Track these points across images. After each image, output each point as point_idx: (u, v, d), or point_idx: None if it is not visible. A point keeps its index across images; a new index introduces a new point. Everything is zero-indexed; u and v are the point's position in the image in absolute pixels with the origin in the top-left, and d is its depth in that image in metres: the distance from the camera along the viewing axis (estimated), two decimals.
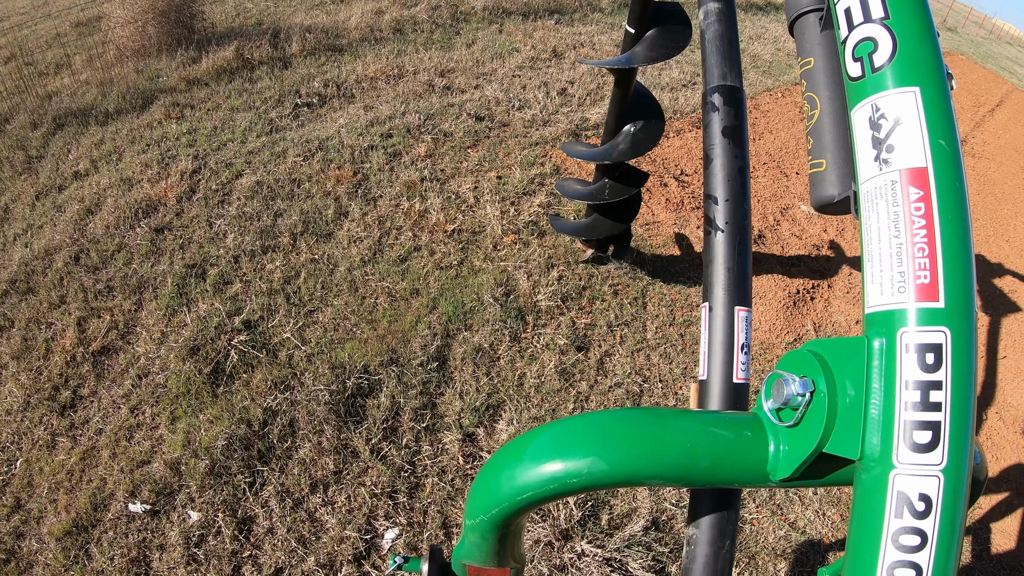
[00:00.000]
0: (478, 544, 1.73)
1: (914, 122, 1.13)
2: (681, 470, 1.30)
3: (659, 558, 4.40)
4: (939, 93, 1.14)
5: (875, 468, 1.07)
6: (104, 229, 6.27)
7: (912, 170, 1.10)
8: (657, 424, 1.36)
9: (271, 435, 4.63)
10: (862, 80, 1.22)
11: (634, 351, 5.78)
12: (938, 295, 1.04)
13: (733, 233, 2.18)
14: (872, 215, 1.16)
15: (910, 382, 1.03)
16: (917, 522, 1.01)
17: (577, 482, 1.32)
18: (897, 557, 1.02)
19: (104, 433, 4.66)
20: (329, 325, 5.45)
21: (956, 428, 1.00)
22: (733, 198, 2.22)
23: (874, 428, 1.07)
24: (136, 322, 5.41)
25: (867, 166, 1.19)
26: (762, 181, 8.85)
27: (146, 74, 9.34)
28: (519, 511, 1.48)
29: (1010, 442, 6.35)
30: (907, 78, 1.16)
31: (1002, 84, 19.71)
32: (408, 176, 7.22)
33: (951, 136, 1.11)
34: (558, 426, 1.42)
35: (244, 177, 7.01)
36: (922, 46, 1.17)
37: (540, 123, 8.72)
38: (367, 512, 4.33)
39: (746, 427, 1.36)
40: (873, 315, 1.12)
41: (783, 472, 1.28)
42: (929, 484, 1.01)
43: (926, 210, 1.08)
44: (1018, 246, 10.24)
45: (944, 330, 1.02)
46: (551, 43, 11.60)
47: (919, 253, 1.07)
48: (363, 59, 10.05)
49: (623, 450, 1.32)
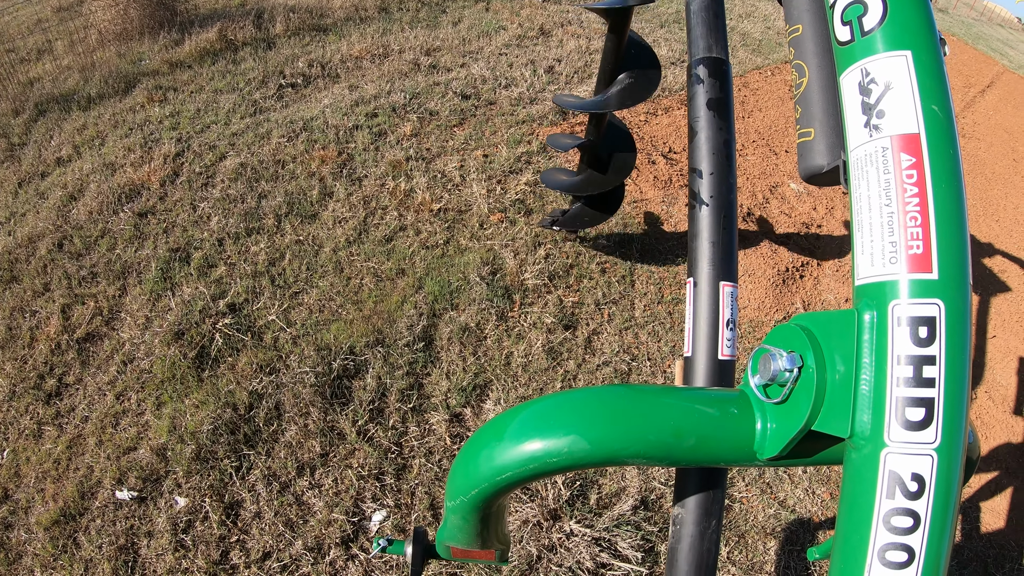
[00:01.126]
0: (460, 526, 1.72)
1: (906, 87, 1.10)
2: (665, 449, 1.28)
3: (648, 537, 4.39)
4: (931, 57, 1.11)
5: (866, 447, 1.05)
6: (87, 215, 6.21)
7: (904, 136, 1.08)
8: (640, 401, 1.33)
9: (257, 419, 4.61)
10: (851, 44, 1.20)
11: (622, 329, 5.75)
12: (931, 266, 1.01)
13: (718, 207, 2.14)
14: (862, 183, 1.13)
15: (902, 357, 1.01)
16: (909, 503, 0.99)
17: (557, 462, 1.30)
18: (889, 539, 1.00)
19: (90, 420, 4.63)
20: (314, 307, 5.42)
21: (950, 405, 0.98)
22: (718, 171, 2.19)
23: (865, 405, 1.05)
24: (120, 308, 5.37)
25: (857, 132, 1.16)
26: (751, 159, 8.81)
27: (128, 58, 9.26)
28: (499, 492, 1.46)
29: (999, 421, 6.37)
30: (898, 42, 1.13)
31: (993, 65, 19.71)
32: (393, 156, 7.17)
33: (944, 102, 1.09)
34: (537, 404, 1.40)
35: (228, 159, 6.95)
36: (913, 9, 1.15)
37: (527, 101, 8.65)
38: (354, 495, 4.31)
39: (732, 404, 1.34)
40: (863, 287, 1.10)
41: (770, 451, 1.27)
42: (922, 463, 0.99)
43: (919, 178, 1.05)
44: (1007, 226, 10.25)
45: (938, 303, 1.00)
46: (538, 21, 11.51)
47: (911, 222, 1.04)
48: (348, 39, 9.97)
49: (605, 428, 1.29)
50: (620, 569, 4.21)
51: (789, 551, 4.63)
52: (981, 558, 5.08)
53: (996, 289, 8.34)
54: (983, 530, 5.30)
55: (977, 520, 5.36)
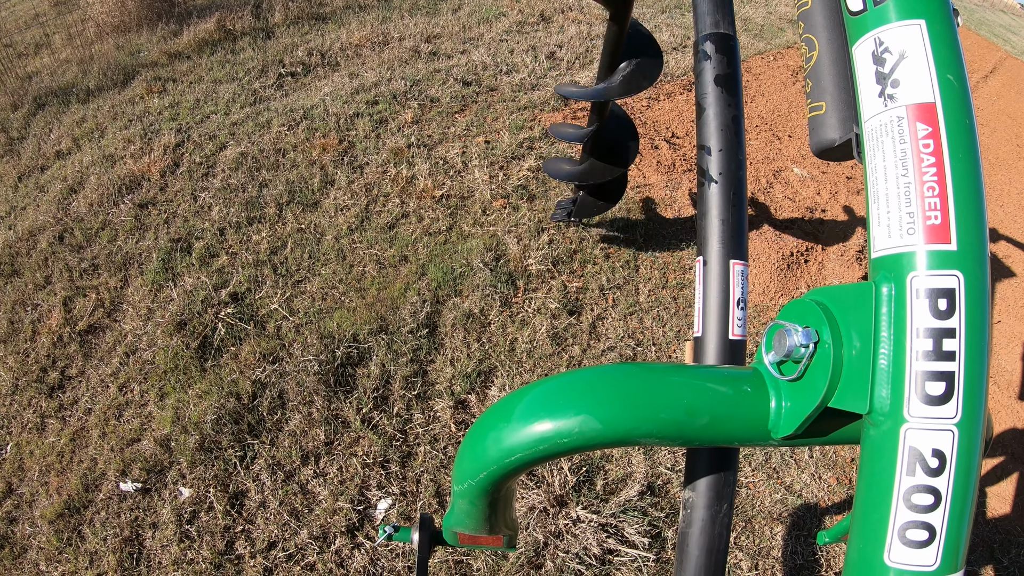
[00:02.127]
0: (468, 511, 1.69)
1: (920, 56, 1.08)
2: (678, 428, 1.25)
3: (655, 523, 4.37)
4: (945, 26, 1.09)
5: (885, 423, 1.02)
6: (88, 207, 6.19)
7: (920, 105, 1.06)
8: (652, 379, 1.30)
9: (261, 408, 4.59)
10: (864, 14, 1.18)
11: (626, 314, 5.73)
12: (950, 237, 0.99)
13: (727, 183, 2.09)
14: (877, 154, 1.11)
15: (921, 330, 0.99)
16: (930, 480, 0.97)
17: (568, 442, 1.27)
18: (909, 517, 0.99)
19: (93, 413, 4.62)
20: (317, 295, 5.39)
21: (971, 379, 0.97)
22: (727, 148, 2.14)
23: (883, 380, 1.03)
24: (122, 299, 5.36)
25: (871, 103, 1.14)
26: (755, 144, 8.77)
27: (127, 50, 9.23)
28: (508, 474, 1.43)
29: (1005, 407, 6.35)
30: (912, 10, 1.11)
31: (996, 51, 19.65)
32: (395, 143, 7.13)
33: (959, 71, 1.07)
34: (547, 384, 1.37)
35: (228, 149, 6.92)
36: None
37: (528, 87, 8.61)
38: (359, 483, 4.29)
39: (746, 382, 1.31)
40: (880, 259, 1.08)
41: (785, 429, 1.24)
42: (943, 439, 0.97)
43: (935, 147, 1.03)
44: (1011, 211, 10.22)
45: (957, 274, 0.98)
46: (539, 7, 11.46)
47: (929, 192, 1.02)
48: (347, 27, 9.92)
49: (616, 407, 1.26)
50: (627, 555, 4.19)
51: (796, 536, 4.61)
52: (987, 543, 5.06)
53: (1001, 275, 8.31)
54: (989, 515, 5.28)
55: (983, 505, 5.33)
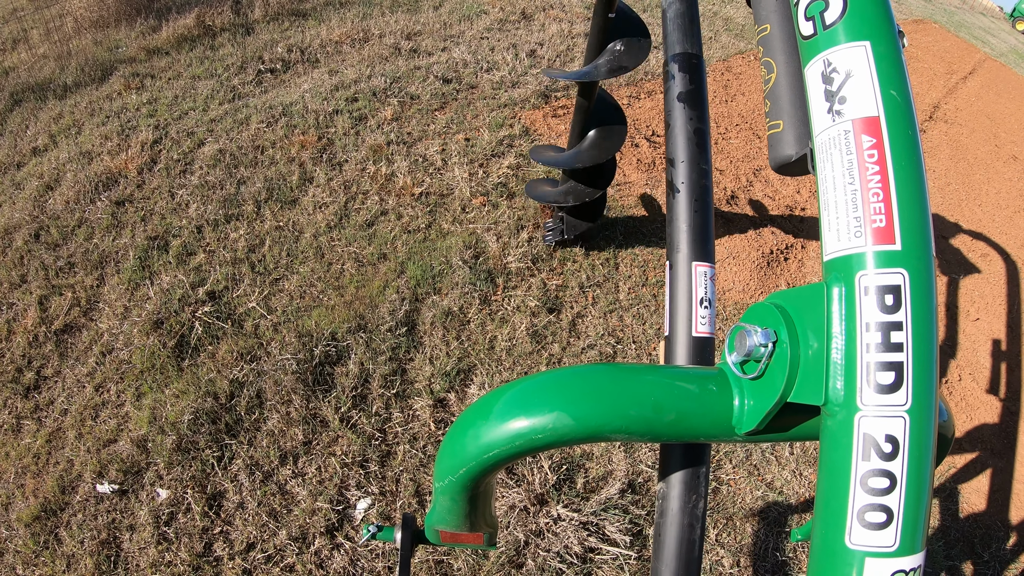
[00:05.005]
0: (449, 508, 1.76)
1: (865, 74, 1.16)
2: (646, 424, 1.33)
3: (636, 520, 4.39)
4: (890, 47, 1.18)
5: (840, 412, 1.08)
6: (64, 204, 6.14)
7: (864, 119, 1.14)
8: (622, 378, 1.38)
9: (238, 407, 4.57)
10: (815, 37, 1.27)
11: (606, 312, 5.74)
12: (894, 237, 1.06)
13: (691, 191, 2.23)
14: (827, 165, 1.19)
15: (871, 324, 1.05)
16: (885, 464, 1.02)
17: (543, 438, 1.34)
18: (867, 501, 1.04)
19: (69, 413, 4.58)
20: (295, 293, 5.37)
21: (919, 368, 1.02)
22: (690, 159, 2.28)
23: (837, 372, 1.09)
24: (99, 298, 5.32)
25: (821, 119, 1.22)
26: (735, 143, 8.82)
27: (105, 45, 9.17)
28: (487, 470, 1.50)
29: (983, 403, 6.42)
30: (858, 33, 1.20)
31: (975, 53, 19.98)
32: (374, 140, 7.12)
33: (902, 87, 1.15)
34: (523, 383, 1.44)
35: (206, 146, 6.88)
36: (872, 3, 1.21)
37: (509, 85, 8.62)
38: (338, 482, 4.28)
39: (711, 381, 1.39)
40: (831, 261, 1.14)
41: (748, 425, 1.32)
42: (895, 425, 1.02)
43: (879, 156, 1.11)
44: (989, 210, 10.35)
45: (902, 271, 1.04)
46: (520, 5, 11.48)
47: (874, 198, 1.09)
48: (327, 23, 9.91)
49: (588, 404, 1.34)
50: (608, 553, 4.20)
51: (777, 532, 4.64)
52: (968, 538, 5.11)
53: (979, 273, 8.40)
54: (969, 510, 5.33)
55: (963, 501, 5.39)
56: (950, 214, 9.60)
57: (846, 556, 1.07)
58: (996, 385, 6.74)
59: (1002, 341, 7.36)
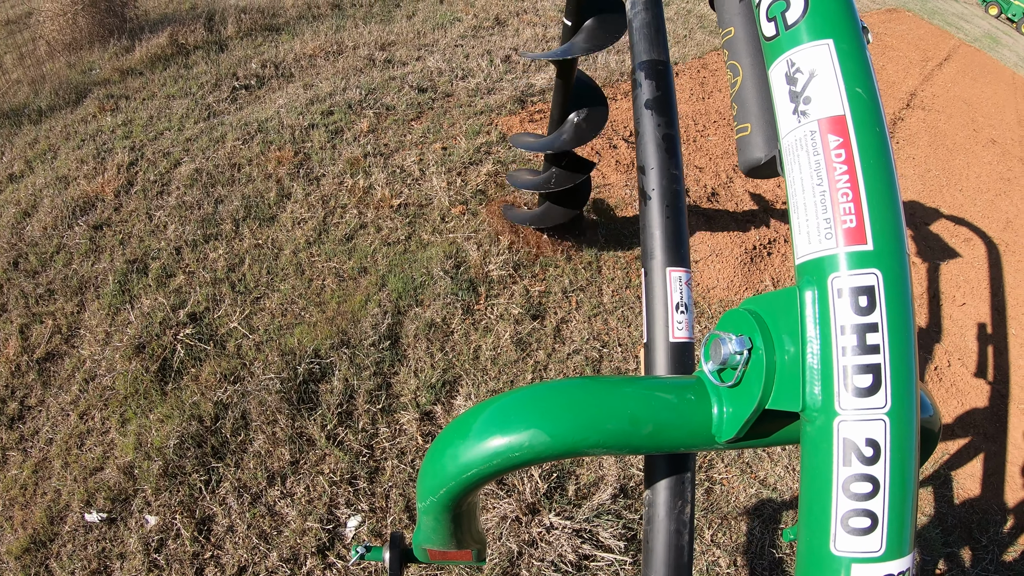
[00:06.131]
0: (433, 527, 1.77)
1: (829, 73, 1.15)
2: (624, 437, 1.33)
3: (629, 525, 4.39)
4: (853, 44, 1.16)
5: (819, 418, 1.07)
6: (42, 231, 6.10)
7: (830, 119, 1.12)
8: (597, 392, 1.38)
9: (224, 430, 4.54)
10: (777, 38, 1.25)
11: (591, 316, 5.73)
12: (866, 238, 1.05)
13: (662, 197, 2.26)
14: (795, 167, 1.17)
15: (845, 327, 1.04)
16: (867, 468, 1.01)
17: (520, 456, 1.34)
18: (850, 506, 1.03)
19: (55, 443, 4.55)
20: (276, 311, 5.35)
21: (897, 369, 1.01)
22: (659, 165, 2.31)
23: (814, 377, 1.08)
24: (80, 324, 5.28)
25: (786, 120, 1.21)
26: (713, 139, 8.83)
27: (79, 68, 9.12)
28: (467, 489, 1.50)
29: (973, 387, 6.44)
30: (820, 31, 1.18)
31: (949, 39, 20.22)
32: (351, 153, 7.10)
33: (868, 84, 1.13)
34: (498, 401, 1.44)
35: (183, 166, 6.85)
36: (834, 1, 1.20)
37: (484, 91, 8.62)
38: (327, 501, 4.26)
39: (689, 391, 1.39)
40: (803, 265, 1.13)
41: (728, 433, 1.32)
42: (875, 428, 1.01)
43: (847, 156, 1.09)
44: (971, 195, 10.42)
45: (875, 272, 1.03)
46: (493, 11, 11.50)
47: (843, 199, 1.08)
48: (301, 37, 9.89)
49: (564, 421, 1.33)
50: (603, 559, 4.19)
51: (773, 529, 4.65)
52: (965, 524, 5.12)
53: (964, 258, 8.45)
54: (965, 496, 5.35)
55: (958, 486, 5.41)
56: (931, 200, 9.65)
57: (832, 563, 1.06)
58: (984, 369, 6.78)
59: (988, 325, 7.40)
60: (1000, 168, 11.90)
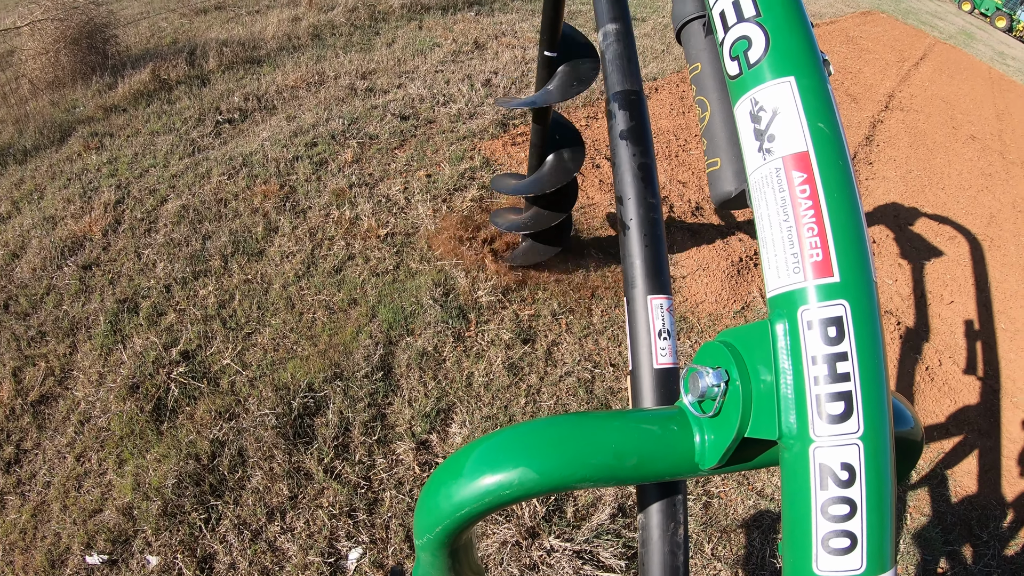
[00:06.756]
0: (431, 562, 1.76)
1: (792, 110, 1.17)
2: (609, 470, 1.35)
3: (629, 544, 4.41)
4: (814, 80, 1.19)
5: (795, 445, 1.10)
6: (31, 272, 6.10)
7: (794, 155, 1.15)
8: (582, 428, 1.40)
9: (221, 467, 4.55)
10: (741, 77, 1.28)
11: (581, 337, 5.76)
12: (832, 270, 1.08)
13: (640, 226, 2.27)
14: (762, 203, 1.20)
15: (816, 357, 1.07)
16: (844, 491, 1.05)
17: (510, 493, 1.36)
18: (830, 528, 1.06)
19: (52, 486, 4.54)
20: (268, 346, 5.36)
21: (868, 395, 1.05)
22: (636, 195, 2.33)
23: (788, 407, 1.11)
24: (72, 366, 5.28)
25: (752, 158, 1.24)
26: (695, 154, 8.88)
27: (62, 106, 9.12)
28: (462, 526, 1.51)
29: (965, 384, 6.48)
30: (781, 69, 1.21)
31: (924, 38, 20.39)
32: (336, 184, 7.13)
33: (830, 119, 1.16)
34: (488, 440, 1.46)
35: (169, 202, 6.87)
36: (794, 38, 1.23)
37: (466, 116, 8.67)
38: (328, 534, 4.27)
39: (672, 421, 1.41)
40: (774, 298, 1.17)
41: (711, 461, 1.34)
42: (849, 452, 1.04)
43: (811, 191, 1.12)
44: (953, 193, 10.49)
45: (843, 303, 1.07)
46: (472, 35, 11.56)
47: (809, 233, 1.11)
48: (282, 68, 9.92)
49: (551, 457, 1.36)
50: None
51: (772, 540, 4.67)
52: (965, 521, 5.15)
53: (949, 256, 8.51)
54: (963, 493, 5.38)
55: (956, 484, 5.45)
56: (914, 200, 9.72)
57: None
58: (975, 365, 6.83)
59: (976, 321, 7.47)
60: (981, 164, 12.00)
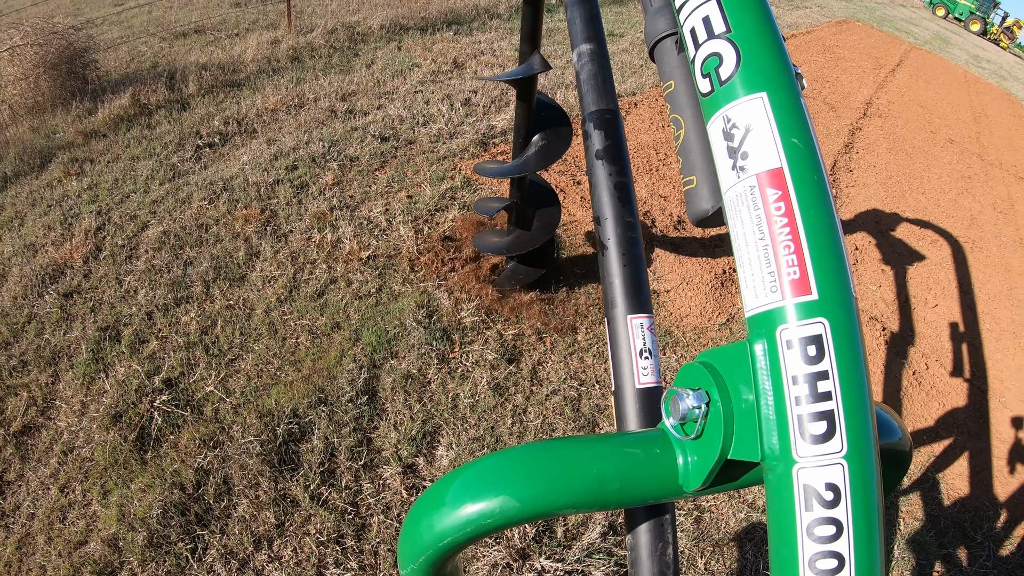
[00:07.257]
0: None
1: (764, 126, 1.16)
2: (592, 495, 1.33)
3: (621, 563, 4.40)
4: (787, 95, 1.18)
5: (778, 466, 1.09)
6: (12, 301, 6.06)
7: (768, 172, 1.14)
8: (562, 454, 1.38)
9: (206, 496, 4.52)
10: (712, 94, 1.26)
11: (566, 355, 5.76)
12: (810, 288, 1.06)
13: (618, 246, 2.27)
14: (737, 222, 1.19)
15: (797, 377, 1.05)
16: (829, 511, 1.03)
17: (492, 522, 1.33)
18: (816, 549, 1.04)
19: (37, 517, 4.50)
20: (252, 372, 5.34)
21: (851, 413, 1.03)
22: (613, 215, 2.33)
23: (770, 428, 1.10)
24: (54, 395, 5.24)
25: (727, 176, 1.23)
26: (675, 167, 8.90)
27: (42, 132, 9.08)
28: (446, 556, 1.48)
29: (952, 387, 6.53)
30: (753, 85, 1.19)
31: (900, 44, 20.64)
32: (317, 207, 7.13)
33: (804, 133, 1.15)
34: (468, 469, 1.44)
35: (150, 228, 6.84)
36: (765, 53, 1.21)
37: (446, 136, 8.70)
38: (316, 562, 4.24)
39: (655, 444, 1.39)
40: (752, 318, 1.15)
41: (695, 483, 1.32)
42: (834, 472, 1.03)
43: (787, 208, 1.11)
44: (933, 196, 10.59)
45: (822, 321, 1.05)
46: (451, 55, 11.61)
47: (785, 251, 1.09)
48: (262, 91, 9.92)
49: (532, 485, 1.34)
50: None
51: (765, 552, 4.66)
52: (959, 523, 5.18)
53: (931, 260, 8.60)
54: (955, 496, 5.41)
55: (948, 487, 5.48)
56: (895, 206, 9.80)
57: None
58: (962, 367, 6.89)
59: (960, 323, 7.53)
60: (960, 167, 12.13)
